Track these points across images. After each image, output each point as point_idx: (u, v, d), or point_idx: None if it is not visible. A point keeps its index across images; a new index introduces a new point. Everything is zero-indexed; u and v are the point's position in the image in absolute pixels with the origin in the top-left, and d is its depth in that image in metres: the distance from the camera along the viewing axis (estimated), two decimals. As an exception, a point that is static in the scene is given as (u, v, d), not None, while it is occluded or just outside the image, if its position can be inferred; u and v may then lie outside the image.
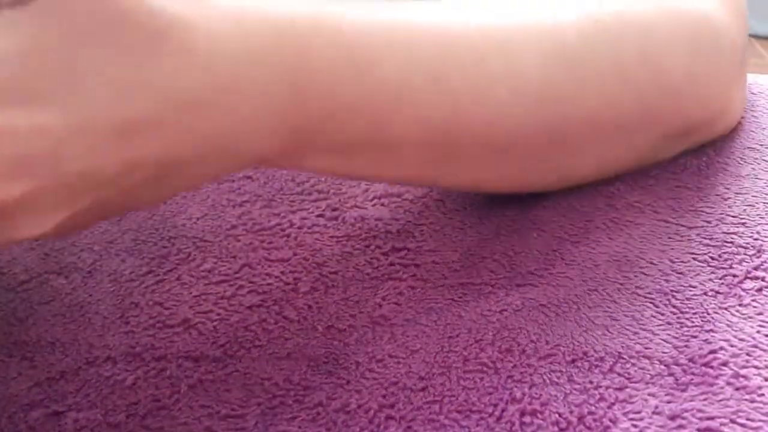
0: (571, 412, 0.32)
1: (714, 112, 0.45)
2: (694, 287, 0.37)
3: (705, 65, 0.43)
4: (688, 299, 0.36)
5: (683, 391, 0.32)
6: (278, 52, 0.33)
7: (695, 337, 0.34)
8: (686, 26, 0.43)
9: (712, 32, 0.43)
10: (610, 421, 0.31)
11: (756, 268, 0.38)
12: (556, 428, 0.31)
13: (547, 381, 0.33)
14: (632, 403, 0.32)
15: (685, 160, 0.46)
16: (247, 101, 0.32)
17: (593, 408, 0.32)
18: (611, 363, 0.34)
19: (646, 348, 0.34)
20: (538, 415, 0.32)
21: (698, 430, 0.31)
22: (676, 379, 0.33)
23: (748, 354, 0.33)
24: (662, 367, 0.33)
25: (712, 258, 0.39)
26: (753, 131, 0.47)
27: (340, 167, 0.37)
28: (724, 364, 0.33)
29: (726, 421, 0.31)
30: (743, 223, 0.41)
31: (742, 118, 0.49)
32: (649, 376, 0.33)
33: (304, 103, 0.34)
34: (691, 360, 0.33)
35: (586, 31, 0.40)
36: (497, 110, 0.38)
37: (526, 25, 0.39)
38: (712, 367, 0.33)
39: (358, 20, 0.35)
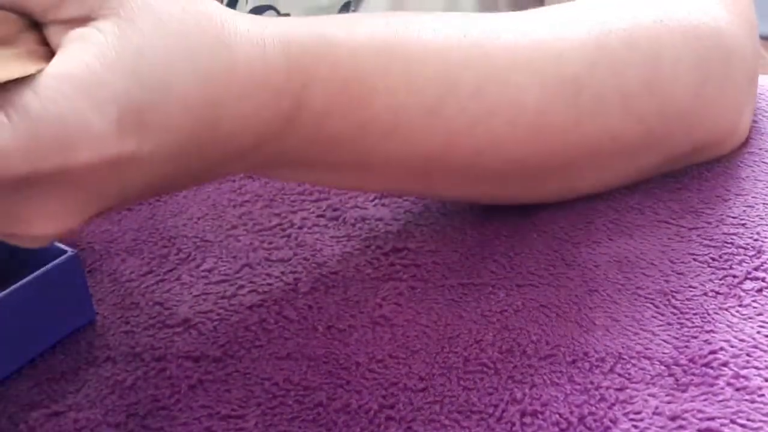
0: (572, 412, 0.32)
1: (723, 134, 0.44)
2: (694, 288, 0.37)
3: (714, 88, 0.42)
4: (688, 300, 0.36)
5: (683, 391, 0.32)
6: (287, 78, 0.33)
7: (695, 337, 0.34)
8: (696, 49, 0.41)
9: (722, 52, 0.42)
10: (611, 421, 0.31)
11: (756, 269, 0.38)
12: (556, 429, 0.31)
13: (548, 381, 0.33)
14: (633, 403, 0.32)
15: (685, 162, 0.46)
16: (244, 127, 0.33)
17: (594, 408, 0.32)
18: (612, 363, 0.34)
19: (647, 348, 0.34)
20: (539, 415, 0.32)
21: (698, 430, 0.31)
22: (677, 380, 0.33)
23: (748, 354, 0.33)
24: (662, 367, 0.33)
25: (713, 259, 0.39)
26: (752, 136, 0.47)
27: (324, 180, 0.39)
28: (725, 364, 0.33)
29: (726, 421, 0.31)
30: (743, 224, 0.41)
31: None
32: (649, 376, 0.33)
33: (290, 125, 0.34)
34: (691, 360, 0.33)
35: (590, 59, 0.38)
36: (491, 139, 0.38)
37: (530, 50, 0.38)
38: (712, 368, 0.33)
39: (359, 47, 0.35)
